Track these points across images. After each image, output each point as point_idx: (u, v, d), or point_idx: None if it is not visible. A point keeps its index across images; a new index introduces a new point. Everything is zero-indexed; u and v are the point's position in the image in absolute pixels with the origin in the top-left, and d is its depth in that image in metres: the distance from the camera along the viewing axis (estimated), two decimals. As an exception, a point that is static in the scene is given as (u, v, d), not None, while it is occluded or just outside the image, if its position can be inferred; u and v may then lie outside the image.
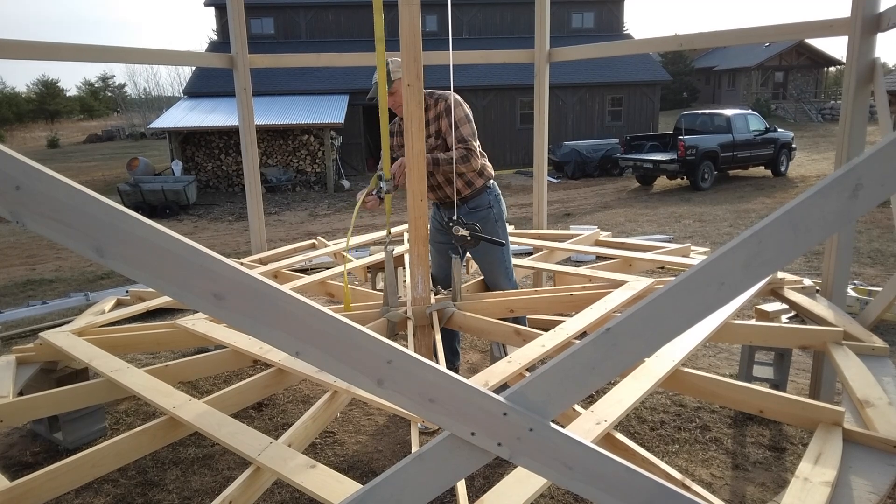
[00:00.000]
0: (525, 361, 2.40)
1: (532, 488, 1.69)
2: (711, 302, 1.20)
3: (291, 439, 2.18)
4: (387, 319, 2.98)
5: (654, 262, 3.76)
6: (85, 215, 1.03)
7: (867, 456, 1.83)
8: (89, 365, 2.80)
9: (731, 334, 2.82)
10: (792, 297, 3.08)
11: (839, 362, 2.36)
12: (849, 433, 1.94)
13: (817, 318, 2.85)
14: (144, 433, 2.33)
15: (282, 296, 1.15)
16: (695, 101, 38.30)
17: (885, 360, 2.40)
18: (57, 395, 2.71)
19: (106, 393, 2.77)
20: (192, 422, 2.26)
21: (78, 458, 2.17)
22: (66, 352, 2.96)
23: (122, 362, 2.79)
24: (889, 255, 6.98)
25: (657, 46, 5.38)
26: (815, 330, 2.67)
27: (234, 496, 1.92)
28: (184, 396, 2.46)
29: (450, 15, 3.16)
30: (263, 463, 1.98)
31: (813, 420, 2.06)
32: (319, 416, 2.38)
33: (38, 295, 6.71)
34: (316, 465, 1.95)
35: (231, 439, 2.13)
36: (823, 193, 1.14)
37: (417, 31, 2.60)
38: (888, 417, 1.95)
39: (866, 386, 2.15)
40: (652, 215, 11.15)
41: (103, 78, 52.52)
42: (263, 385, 2.69)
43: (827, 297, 3.27)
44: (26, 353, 3.16)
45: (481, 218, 3.32)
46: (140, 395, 2.51)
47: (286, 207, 14.90)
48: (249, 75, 4.53)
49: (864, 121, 3.13)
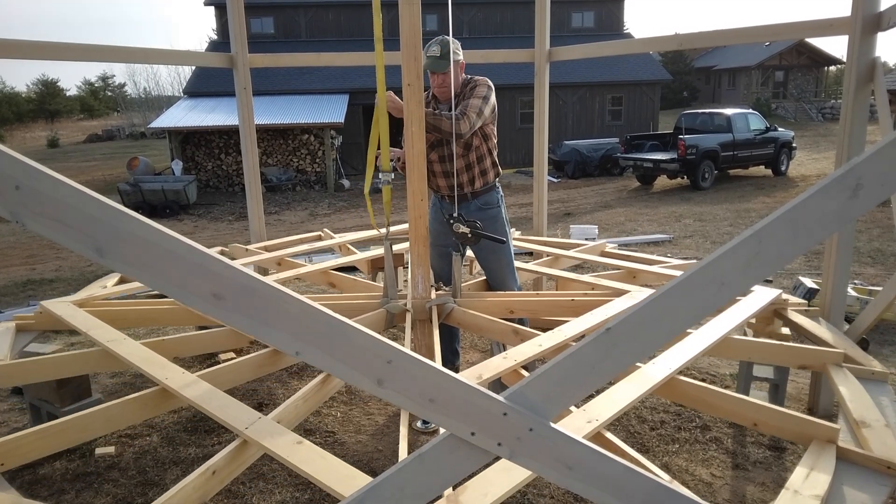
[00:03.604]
0: (521, 358, 2.40)
1: (518, 477, 1.68)
2: (711, 302, 1.20)
3: (281, 416, 2.18)
4: (386, 310, 3.00)
5: (658, 276, 3.73)
6: (85, 215, 1.03)
7: (860, 475, 1.83)
8: (86, 334, 2.80)
9: (730, 349, 2.80)
10: (794, 319, 3.08)
11: (838, 383, 2.35)
12: (843, 451, 1.92)
13: (818, 340, 2.84)
14: (135, 401, 2.34)
15: (281, 296, 1.14)
16: (695, 101, 38.26)
17: (884, 385, 2.40)
18: (52, 361, 2.72)
19: (101, 362, 2.78)
20: (183, 393, 2.27)
21: (67, 420, 2.18)
22: (65, 321, 2.97)
23: (119, 333, 2.79)
24: (889, 254, 6.97)
25: (657, 46, 5.38)
26: (816, 350, 2.66)
27: (218, 466, 1.93)
28: (177, 369, 2.47)
29: (450, 14, 3.16)
30: (250, 436, 1.98)
31: (807, 436, 2.05)
32: (311, 397, 2.39)
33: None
34: (302, 442, 1.96)
35: (220, 412, 2.14)
36: (824, 193, 1.14)
37: (418, 31, 2.60)
38: (884, 439, 1.94)
39: (864, 408, 2.14)
40: (652, 215, 11.15)
41: (103, 77, 52.46)
42: (258, 364, 2.70)
43: (827, 296, 3.27)
44: (26, 320, 3.16)
45: (491, 216, 3.31)
46: (134, 365, 2.51)
47: (286, 207, 14.91)
48: (249, 75, 4.53)
49: (865, 120, 3.13)
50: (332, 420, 3.36)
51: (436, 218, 3.36)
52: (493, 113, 3.25)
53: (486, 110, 3.14)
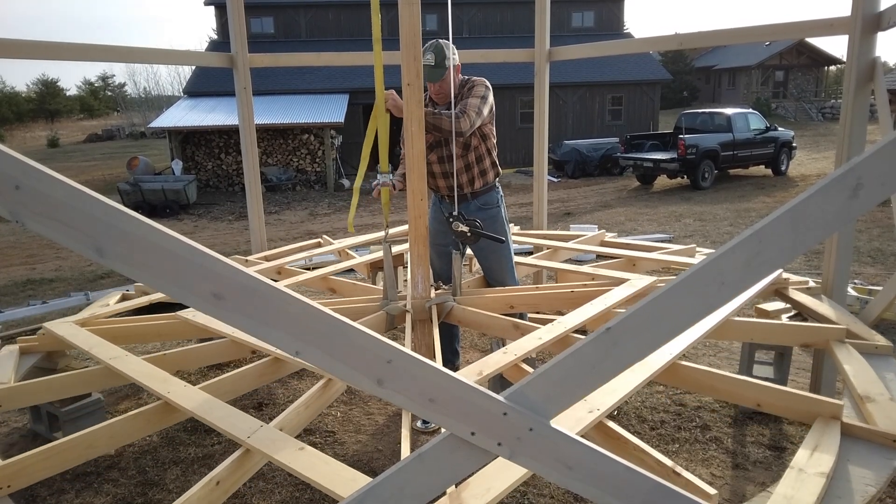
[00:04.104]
0: (521, 353, 2.38)
1: (518, 473, 1.68)
2: (712, 301, 1.19)
3: (283, 424, 2.19)
4: (386, 312, 3.00)
5: (658, 262, 3.74)
6: (85, 215, 1.03)
7: (865, 450, 1.80)
8: (89, 353, 2.82)
9: (732, 331, 2.79)
10: (795, 297, 3.07)
11: (841, 359, 2.33)
12: (847, 427, 1.90)
13: (820, 317, 2.82)
14: (139, 416, 2.35)
15: (281, 296, 1.14)
16: (695, 101, 38.25)
17: (888, 359, 2.37)
18: (55, 381, 2.74)
19: (104, 380, 2.79)
20: (185, 406, 2.27)
21: (72, 439, 2.19)
22: (68, 341, 2.99)
23: (121, 350, 2.81)
24: (889, 254, 6.97)
25: (657, 45, 5.39)
26: (818, 327, 2.64)
27: (222, 476, 1.93)
28: (179, 382, 2.48)
29: (450, 14, 3.16)
30: (253, 445, 1.98)
31: (811, 413, 2.04)
32: (312, 404, 2.39)
33: (38, 294, 6.71)
34: (304, 448, 1.95)
35: (222, 422, 2.14)
36: (824, 192, 1.14)
37: (417, 31, 2.60)
38: (889, 412, 1.92)
39: (868, 382, 2.12)
40: (652, 214, 11.15)
41: (103, 77, 52.44)
42: (259, 374, 2.70)
43: (827, 296, 3.27)
44: (29, 342, 3.19)
45: (491, 216, 3.31)
46: (136, 380, 2.53)
47: (286, 207, 14.90)
48: (249, 74, 4.53)
49: (865, 120, 3.13)
50: (331, 420, 3.36)
51: (435, 217, 3.36)
52: (491, 113, 3.26)
53: (484, 109, 3.15)
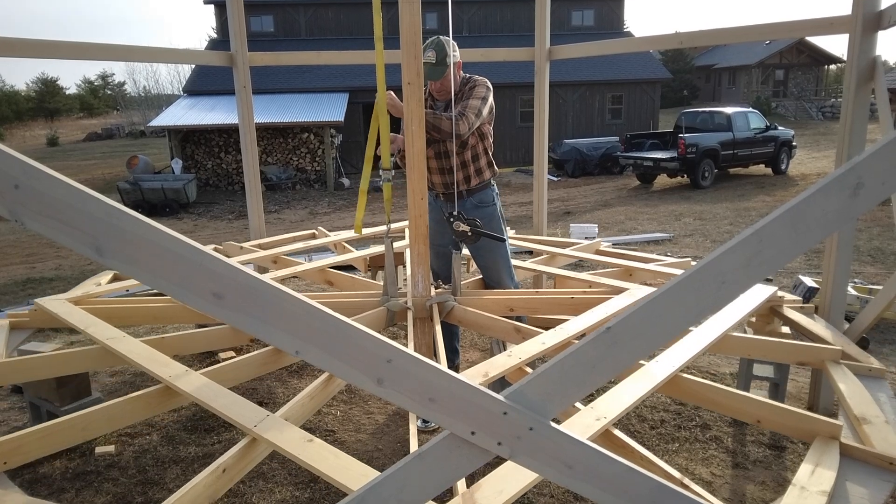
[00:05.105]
0: (525, 356, 2.40)
1: (530, 475, 1.68)
2: (712, 301, 1.19)
3: (288, 414, 2.18)
4: (386, 308, 3.00)
5: (654, 273, 3.75)
6: (84, 214, 1.03)
7: (863, 471, 1.85)
8: (84, 331, 2.76)
9: (730, 346, 2.82)
10: (791, 316, 3.09)
11: (837, 380, 2.37)
12: (846, 448, 1.95)
13: (815, 337, 2.86)
14: (138, 399, 2.31)
15: (281, 295, 1.14)
16: (695, 99, 38.24)
17: (881, 381, 2.42)
18: (50, 359, 2.70)
19: (100, 360, 2.74)
20: (187, 391, 2.24)
21: (69, 419, 2.17)
22: (62, 318, 2.92)
23: (118, 331, 2.75)
24: (889, 253, 6.98)
25: (657, 44, 5.39)
26: (814, 347, 2.67)
27: (228, 464, 1.92)
28: (181, 367, 2.44)
29: (450, 13, 3.17)
30: (260, 434, 1.97)
31: (810, 432, 2.07)
32: (317, 395, 2.39)
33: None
34: (313, 440, 1.95)
35: (227, 410, 2.12)
36: (824, 192, 1.14)
37: (418, 29, 2.59)
38: (884, 435, 1.97)
39: (863, 404, 2.17)
40: (652, 213, 11.15)
41: (103, 76, 52.42)
42: (261, 362, 2.69)
43: (827, 295, 3.27)
44: (20, 317, 3.11)
45: (487, 214, 3.31)
46: (136, 363, 2.48)
47: (286, 206, 14.91)
48: (249, 73, 4.53)
49: (865, 119, 3.12)
50: (331, 419, 3.36)
51: (432, 217, 3.35)
52: (490, 113, 3.27)
53: (484, 111, 3.17)
